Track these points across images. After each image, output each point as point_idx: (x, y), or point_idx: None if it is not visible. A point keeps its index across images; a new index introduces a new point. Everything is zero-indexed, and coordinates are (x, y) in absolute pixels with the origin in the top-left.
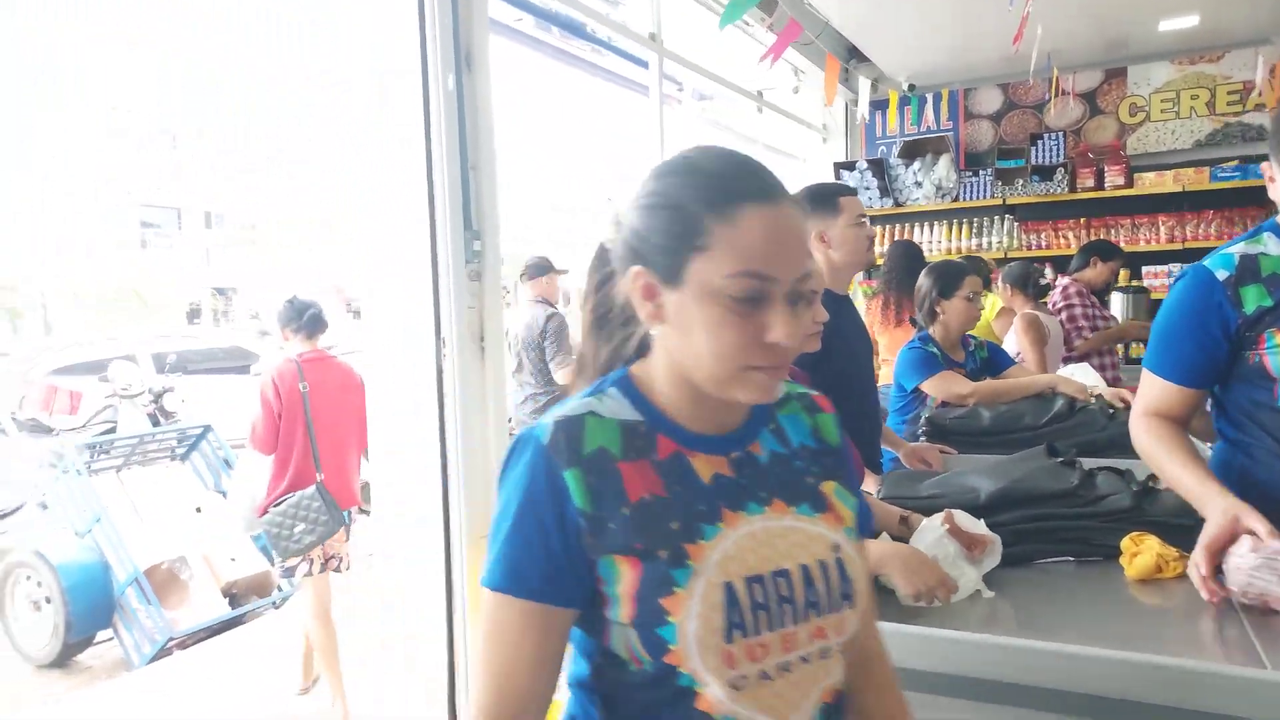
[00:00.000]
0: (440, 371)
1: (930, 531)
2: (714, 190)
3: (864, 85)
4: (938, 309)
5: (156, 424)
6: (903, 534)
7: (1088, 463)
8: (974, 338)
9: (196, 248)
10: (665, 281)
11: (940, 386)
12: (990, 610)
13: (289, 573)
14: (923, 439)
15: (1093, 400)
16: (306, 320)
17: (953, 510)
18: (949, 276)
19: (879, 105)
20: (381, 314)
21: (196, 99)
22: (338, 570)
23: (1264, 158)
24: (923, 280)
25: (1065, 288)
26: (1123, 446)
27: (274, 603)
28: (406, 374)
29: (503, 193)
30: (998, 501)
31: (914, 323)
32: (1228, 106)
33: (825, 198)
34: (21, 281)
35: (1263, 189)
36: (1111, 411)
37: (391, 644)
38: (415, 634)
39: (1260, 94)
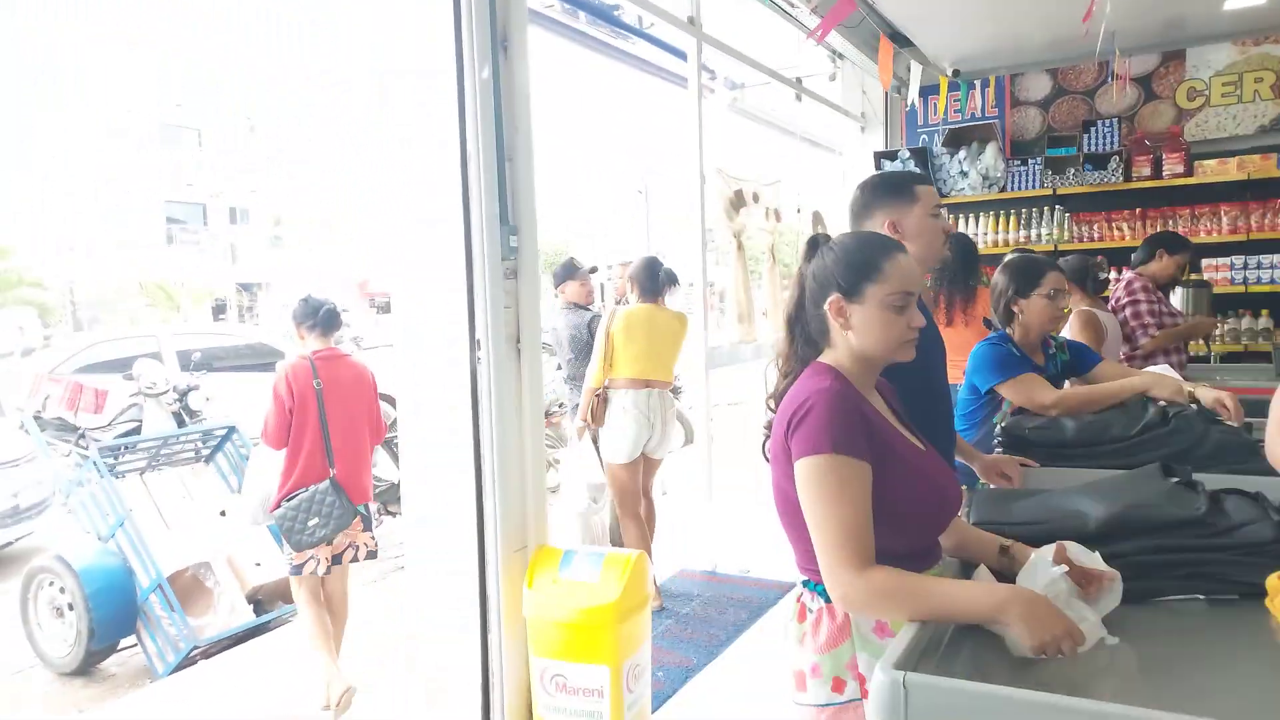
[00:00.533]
0: (475, 375)
1: (1042, 568)
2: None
3: (915, 70)
4: (1015, 308)
5: (181, 423)
6: (1004, 566)
7: (1195, 480)
8: (1055, 339)
9: (222, 244)
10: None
11: (1021, 391)
12: (1115, 662)
13: (297, 569)
14: (998, 450)
15: (1191, 405)
16: (321, 318)
17: (1065, 542)
18: (1027, 273)
19: (924, 92)
20: (413, 313)
21: (217, 96)
22: (355, 560)
23: None
24: (998, 277)
25: (1129, 282)
26: (1229, 460)
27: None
28: (438, 376)
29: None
30: (1111, 529)
31: (988, 324)
32: None
33: (900, 185)
34: (51, 279)
35: None
36: (1214, 418)
37: (418, 645)
38: (443, 637)
39: None
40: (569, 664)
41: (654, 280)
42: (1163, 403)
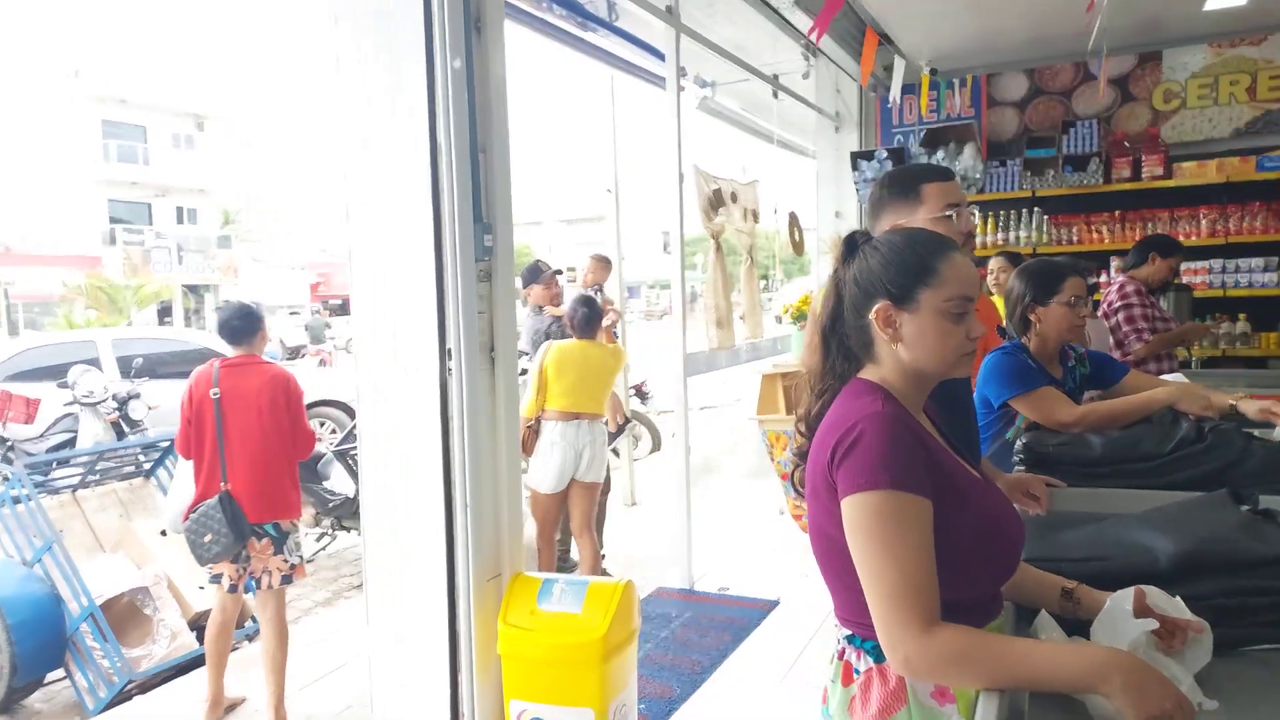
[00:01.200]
0: (445, 387)
1: (1122, 619)
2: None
3: (899, 65)
4: (1032, 316)
5: (121, 434)
6: (1067, 611)
7: (1271, 509)
8: (1075, 349)
9: (168, 243)
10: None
11: (1038, 407)
12: None
13: (216, 578)
14: (1018, 468)
15: (1221, 419)
16: (232, 325)
17: (1144, 587)
18: (1046, 279)
19: (902, 91)
20: (375, 319)
21: (165, 90)
22: (271, 585)
23: None
24: (1014, 283)
25: (1122, 285)
26: (1273, 479)
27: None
28: (404, 388)
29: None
30: (1186, 568)
31: (1002, 332)
32: (1270, 93)
33: (905, 183)
34: None
35: None
36: (1252, 434)
37: (378, 684)
38: (406, 677)
39: None
40: (549, 707)
41: (575, 315)
42: (1193, 417)
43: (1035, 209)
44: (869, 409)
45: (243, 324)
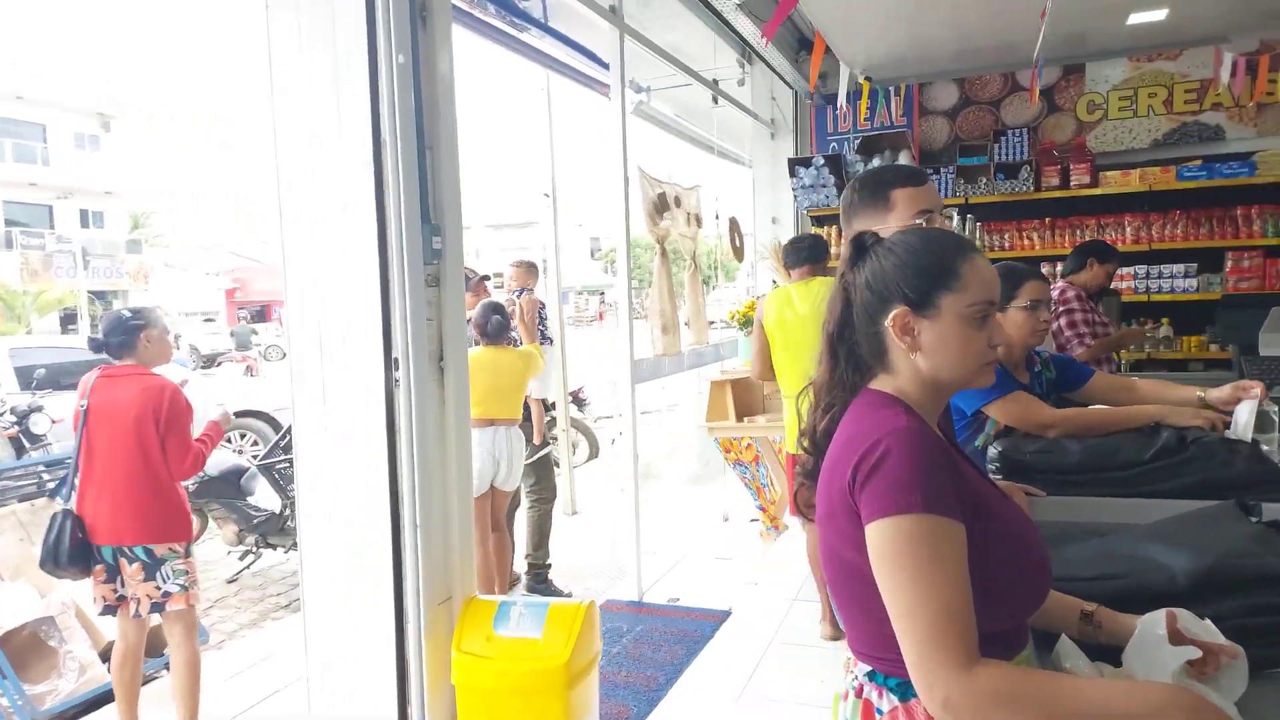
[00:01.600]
0: (391, 399)
1: (1156, 645)
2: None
3: (844, 72)
4: None
5: (21, 450)
6: (1087, 635)
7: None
8: (1040, 354)
9: (71, 248)
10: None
11: (1014, 412)
12: None
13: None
14: (994, 476)
15: (1210, 429)
16: (99, 345)
17: (1174, 610)
18: (1003, 283)
19: (832, 99)
20: (314, 326)
21: (67, 86)
22: (139, 614)
23: (1227, 158)
24: None
25: (1063, 291)
26: (1254, 490)
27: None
28: (346, 400)
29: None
30: (1206, 585)
31: None
32: (1185, 105)
33: (875, 188)
34: None
35: (1226, 189)
36: (1234, 443)
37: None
38: (350, 713)
39: (1234, 90)
40: None
41: (487, 323)
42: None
43: (968, 216)
44: (892, 424)
45: (113, 339)
